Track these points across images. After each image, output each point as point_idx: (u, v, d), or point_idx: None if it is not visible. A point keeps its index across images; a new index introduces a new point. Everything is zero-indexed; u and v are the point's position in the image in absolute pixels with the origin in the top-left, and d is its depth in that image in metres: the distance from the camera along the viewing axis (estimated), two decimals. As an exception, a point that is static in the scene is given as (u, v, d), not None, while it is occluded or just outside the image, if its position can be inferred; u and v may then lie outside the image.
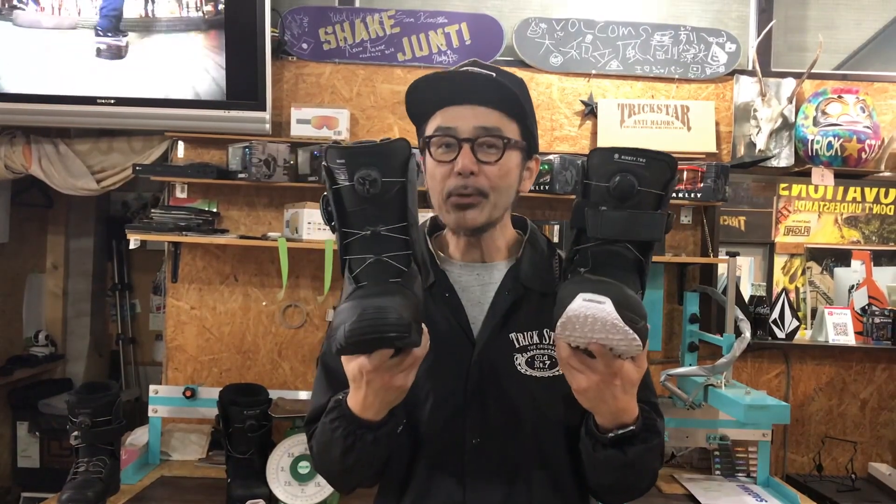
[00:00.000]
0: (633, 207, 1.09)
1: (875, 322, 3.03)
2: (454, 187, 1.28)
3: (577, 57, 3.13)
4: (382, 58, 3.12)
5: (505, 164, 1.29)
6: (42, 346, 4.60)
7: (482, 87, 1.28)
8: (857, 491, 2.85)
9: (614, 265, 1.10)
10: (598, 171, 1.11)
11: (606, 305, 1.01)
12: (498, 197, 1.30)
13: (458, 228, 1.33)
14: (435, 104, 1.32)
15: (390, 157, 1.09)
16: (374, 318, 1.00)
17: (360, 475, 1.27)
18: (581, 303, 1.02)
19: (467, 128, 1.28)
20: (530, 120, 1.35)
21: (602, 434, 1.18)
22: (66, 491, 2.30)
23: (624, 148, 1.11)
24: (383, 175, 1.07)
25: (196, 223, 2.91)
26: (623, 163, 1.09)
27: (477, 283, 1.36)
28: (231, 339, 3.12)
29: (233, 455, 2.52)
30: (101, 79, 2.87)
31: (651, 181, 1.09)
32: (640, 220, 1.09)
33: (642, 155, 1.10)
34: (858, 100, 3.01)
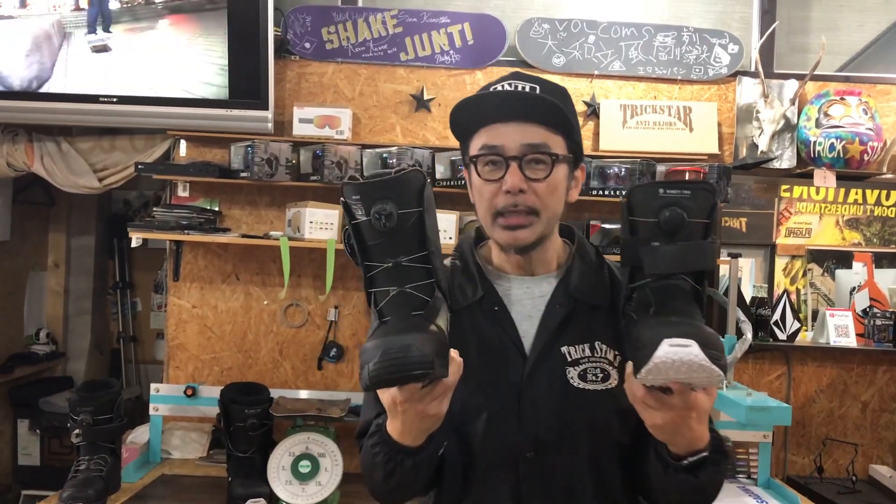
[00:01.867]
0: (684, 239, 1.09)
1: (876, 324, 3.02)
2: (504, 206, 1.28)
3: (580, 57, 3.13)
4: (385, 57, 3.12)
5: (554, 179, 1.29)
6: (43, 343, 4.61)
7: (527, 104, 1.28)
8: (857, 493, 2.85)
9: (677, 299, 1.10)
10: (643, 207, 1.11)
11: (693, 348, 1.01)
12: (549, 214, 1.30)
13: (508, 248, 1.33)
14: (479, 121, 1.31)
15: (404, 188, 1.10)
16: (396, 357, 1.01)
17: (404, 495, 1.29)
18: (668, 349, 1.02)
19: (514, 146, 1.27)
20: (576, 131, 1.35)
21: (675, 461, 1.18)
22: (66, 489, 2.30)
23: (667, 182, 1.13)
24: (399, 207, 1.08)
25: (198, 222, 2.91)
26: (669, 196, 1.09)
27: (527, 296, 1.36)
28: (232, 338, 3.12)
29: (234, 454, 2.52)
30: (103, 76, 2.87)
31: (697, 211, 1.10)
32: (694, 251, 1.09)
33: (686, 187, 1.10)
34: (861, 102, 3.01)
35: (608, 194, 2.90)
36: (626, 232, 1.14)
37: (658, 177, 2.94)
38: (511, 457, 1.27)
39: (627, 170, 2.89)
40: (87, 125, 3.11)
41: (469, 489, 1.30)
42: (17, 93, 2.90)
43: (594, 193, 2.91)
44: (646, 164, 2.90)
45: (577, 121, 1.37)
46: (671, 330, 1.03)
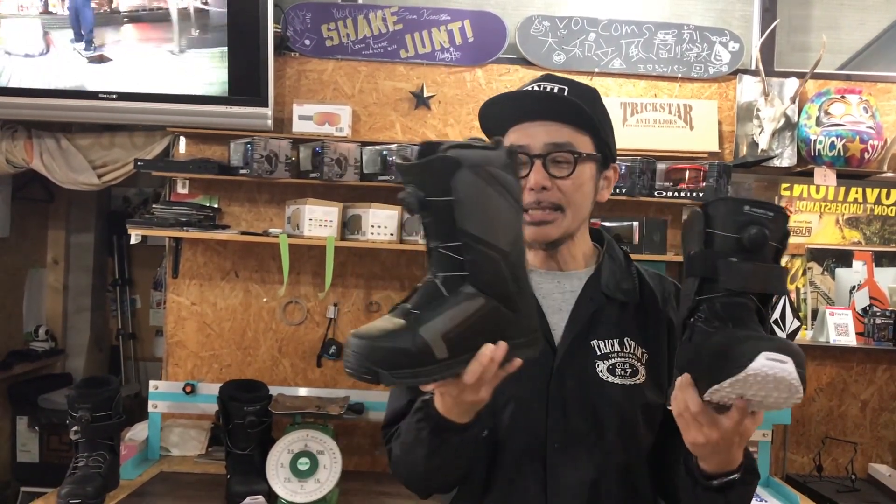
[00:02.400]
0: (761, 260, 1.09)
1: (876, 323, 3.02)
2: (528, 203, 1.30)
3: (580, 55, 3.13)
4: (385, 54, 3.11)
5: (578, 177, 1.32)
6: (42, 340, 4.61)
7: (552, 104, 1.32)
8: (856, 492, 2.85)
9: (745, 317, 1.09)
10: (724, 221, 1.10)
11: (789, 365, 0.99)
12: (574, 210, 1.33)
13: (534, 243, 1.35)
14: (508, 122, 1.35)
15: (430, 174, 1.06)
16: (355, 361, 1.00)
17: (443, 478, 1.30)
18: (765, 362, 0.99)
19: (538, 144, 1.31)
20: (604, 131, 1.38)
21: (705, 479, 1.17)
22: (65, 486, 2.30)
23: (752, 200, 1.10)
24: (426, 193, 1.05)
25: (197, 219, 2.91)
26: (754, 215, 1.09)
27: (557, 290, 1.38)
28: (231, 335, 3.12)
29: (233, 451, 2.52)
30: (102, 73, 2.87)
31: (776, 235, 1.10)
32: (770, 273, 1.09)
33: (768, 208, 1.09)
34: (861, 100, 3.01)
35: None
36: (698, 243, 1.13)
37: (658, 175, 2.93)
38: (538, 447, 1.28)
39: (628, 168, 2.88)
40: (87, 122, 3.10)
41: (496, 478, 1.31)
42: (16, 89, 2.89)
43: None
44: (646, 163, 2.90)
45: (608, 120, 1.40)
46: (768, 344, 1.01)
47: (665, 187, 2.94)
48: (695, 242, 1.14)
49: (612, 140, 1.41)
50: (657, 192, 2.94)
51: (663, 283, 1.44)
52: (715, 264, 1.09)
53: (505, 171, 1.06)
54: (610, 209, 3.06)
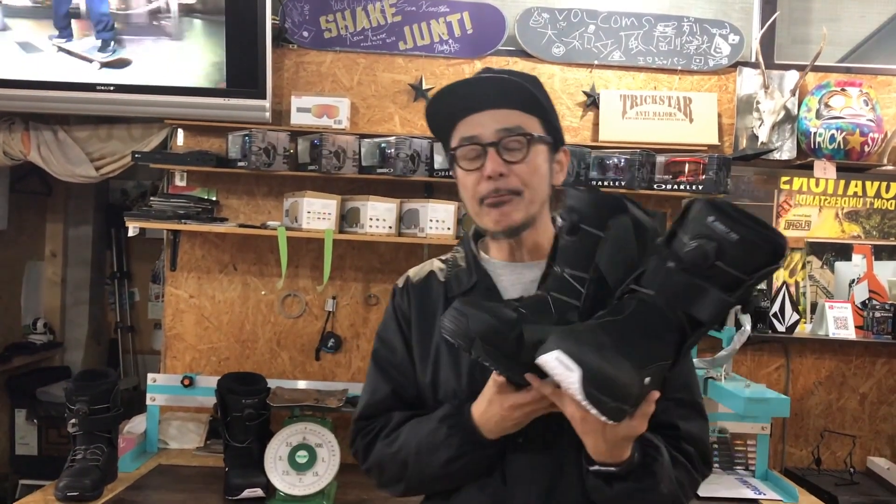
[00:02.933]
0: (703, 279, 1.00)
1: (875, 316, 3.02)
2: (486, 192, 1.30)
3: (580, 47, 3.12)
4: (384, 46, 3.10)
5: (533, 160, 1.32)
6: (40, 333, 4.61)
7: (497, 90, 1.31)
8: (855, 485, 2.85)
9: (654, 325, 1.03)
10: (689, 224, 1.03)
11: (574, 375, 0.96)
12: (532, 194, 1.32)
13: (497, 230, 1.34)
14: (454, 116, 1.34)
15: (595, 207, 1.12)
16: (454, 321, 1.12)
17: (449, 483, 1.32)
18: (551, 360, 0.98)
19: (489, 132, 1.30)
20: (551, 114, 1.37)
21: (588, 463, 1.20)
22: (63, 478, 2.30)
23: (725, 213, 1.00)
24: (583, 221, 1.11)
25: (195, 211, 2.90)
26: (713, 229, 0.99)
27: (518, 281, 1.37)
28: (230, 328, 3.11)
29: (231, 444, 2.52)
30: (100, 66, 2.86)
31: (736, 261, 0.98)
32: (699, 295, 1.00)
33: (742, 227, 0.98)
34: (862, 93, 3.00)
35: (607, 185, 2.89)
36: (666, 235, 1.08)
37: (657, 167, 2.93)
38: (502, 440, 1.27)
39: (627, 160, 2.87)
40: (84, 114, 3.09)
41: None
42: (13, 81, 2.88)
43: (593, 184, 2.90)
44: (645, 155, 2.89)
45: (552, 104, 1.39)
46: (581, 347, 0.97)
47: (664, 180, 2.93)
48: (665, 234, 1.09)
49: (558, 123, 1.40)
50: (656, 185, 2.93)
51: None
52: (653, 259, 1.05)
53: (653, 236, 1.11)
54: (609, 202, 3.05)
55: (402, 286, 1.47)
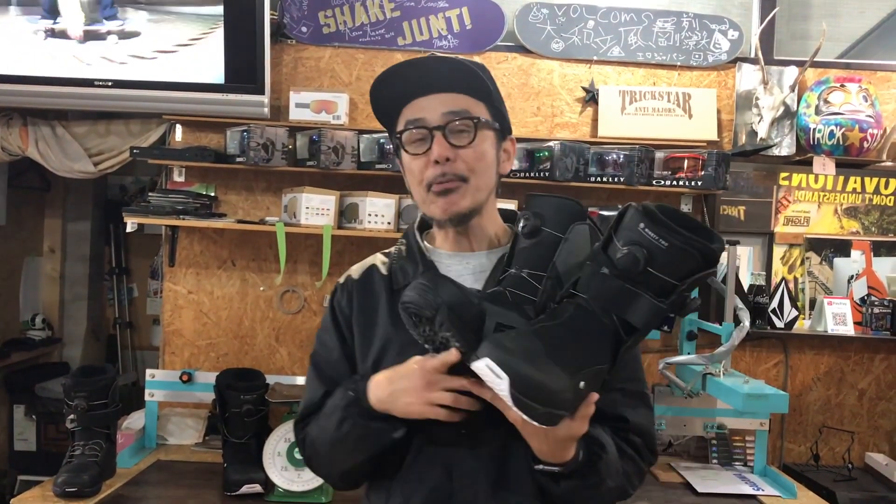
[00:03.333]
0: (635, 285, 1.01)
1: (874, 312, 3.01)
2: (433, 177, 1.28)
3: (579, 43, 3.11)
4: (382, 42, 3.09)
5: (479, 145, 1.30)
6: (39, 329, 4.60)
7: (443, 74, 1.29)
8: (853, 481, 2.85)
9: (589, 330, 1.04)
10: (623, 230, 1.04)
11: (503, 383, 0.98)
12: (478, 180, 1.30)
13: (444, 218, 1.32)
14: (400, 101, 1.33)
15: (556, 210, 1.17)
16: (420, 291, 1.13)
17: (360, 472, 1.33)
18: (482, 368, 0.99)
19: (435, 116, 1.29)
20: (497, 101, 1.36)
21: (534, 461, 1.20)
22: (61, 474, 2.29)
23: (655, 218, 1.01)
24: (544, 224, 1.16)
25: (194, 207, 2.90)
26: (644, 236, 1.01)
27: (467, 271, 1.36)
28: (228, 324, 3.11)
29: (229, 440, 2.52)
30: (98, 60, 2.85)
31: (667, 267, 1.00)
32: (632, 300, 1.02)
33: (671, 235, 0.99)
34: (861, 88, 2.99)
35: (606, 181, 2.89)
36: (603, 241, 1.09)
37: (656, 163, 2.92)
38: (445, 433, 1.26)
39: (626, 156, 2.87)
40: (83, 109, 3.08)
41: (403, 463, 1.30)
42: (11, 76, 2.87)
43: (592, 180, 2.90)
44: (644, 151, 2.89)
45: (499, 92, 1.37)
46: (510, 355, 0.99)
47: (663, 176, 2.92)
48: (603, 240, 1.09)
49: (505, 111, 1.39)
50: (655, 181, 2.93)
51: None
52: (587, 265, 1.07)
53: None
54: (608, 198, 3.05)
55: (342, 283, 1.46)
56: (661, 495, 2.57)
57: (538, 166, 2.88)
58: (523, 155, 2.92)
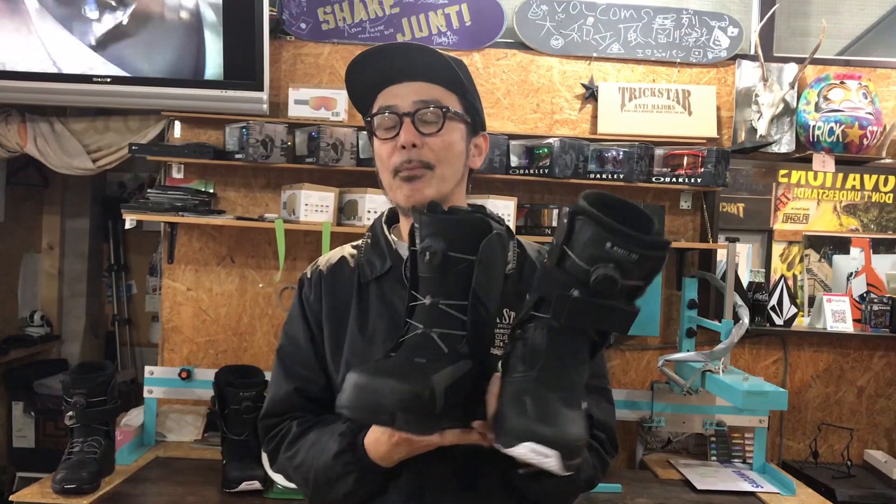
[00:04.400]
0: (609, 299, 0.99)
1: (873, 309, 3.02)
2: (399, 162, 1.29)
3: (578, 40, 3.11)
4: (382, 38, 3.09)
5: (447, 134, 1.30)
6: (37, 326, 4.60)
7: (419, 63, 1.30)
8: (852, 478, 2.85)
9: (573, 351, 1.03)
10: (582, 245, 0.99)
11: (551, 461, 0.94)
12: (444, 169, 1.31)
13: (407, 205, 1.32)
14: (375, 87, 1.33)
15: (460, 231, 1.08)
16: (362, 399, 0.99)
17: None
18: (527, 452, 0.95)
19: (406, 103, 1.30)
20: (472, 94, 1.36)
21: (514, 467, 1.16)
22: (60, 471, 2.29)
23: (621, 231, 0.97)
24: (450, 248, 1.06)
25: (192, 204, 2.89)
26: (614, 255, 0.96)
27: None
28: (227, 321, 3.11)
29: (228, 436, 2.52)
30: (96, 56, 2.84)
31: (637, 274, 0.99)
32: (612, 313, 1.00)
33: (638, 248, 0.97)
34: (861, 86, 2.99)
35: (606, 178, 2.88)
36: (552, 255, 1.03)
37: (656, 160, 2.92)
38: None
39: (625, 153, 2.87)
40: (81, 106, 3.07)
41: None
42: (9, 72, 2.86)
43: (592, 177, 2.90)
44: (644, 148, 2.88)
45: (474, 87, 1.38)
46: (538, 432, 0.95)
47: (663, 173, 2.92)
48: (550, 252, 1.04)
49: (480, 106, 1.39)
50: (655, 178, 2.92)
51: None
52: (553, 287, 1.01)
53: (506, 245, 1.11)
54: (607, 195, 3.05)
55: (309, 276, 1.43)
56: (661, 492, 2.58)
57: (537, 163, 2.87)
58: (523, 152, 2.92)
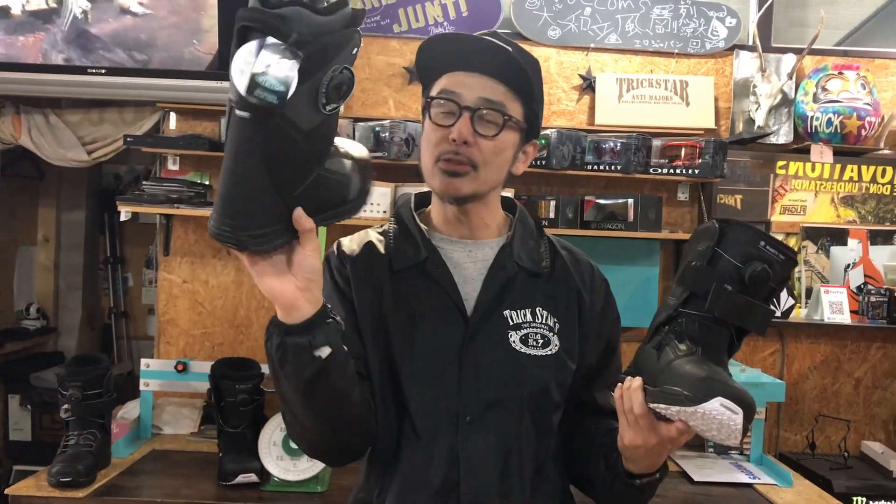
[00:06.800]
0: (753, 295, 1.10)
1: (871, 301, 3.01)
2: (444, 152, 1.26)
3: (576, 30, 3.09)
4: (378, 29, 3.07)
5: (501, 141, 1.28)
6: (33, 319, 4.58)
7: (494, 58, 1.26)
8: (849, 469, 2.85)
9: (717, 346, 1.12)
10: (736, 247, 1.12)
11: (738, 417, 1.02)
12: (487, 172, 1.28)
13: (443, 194, 1.31)
14: (443, 66, 1.30)
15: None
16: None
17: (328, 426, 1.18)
18: (718, 407, 1.03)
19: (471, 96, 1.26)
20: (537, 104, 1.33)
21: (627, 477, 1.22)
22: (56, 464, 2.28)
23: (770, 237, 1.12)
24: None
25: (188, 195, 2.88)
26: (766, 253, 1.10)
27: (469, 259, 1.34)
28: (223, 313, 3.10)
29: (225, 429, 2.51)
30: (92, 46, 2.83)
31: (777, 278, 1.11)
32: (758, 311, 1.11)
33: (781, 251, 1.11)
34: (859, 76, 2.98)
35: (603, 169, 2.87)
36: (702, 257, 1.14)
37: (653, 151, 2.91)
38: (449, 421, 1.25)
39: (623, 144, 2.86)
40: (76, 97, 3.06)
41: (405, 452, 1.28)
42: (3, 64, 2.84)
43: (589, 168, 2.89)
44: (641, 139, 2.87)
45: (542, 95, 1.35)
46: (727, 388, 1.04)
47: (660, 164, 2.91)
48: (698, 256, 1.15)
49: (540, 114, 1.36)
50: (652, 169, 2.91)
51: (574, 256, 1.42)
52: (709, 286, 1.11)
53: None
54: (605, 186, 3.04)
55: (337, 254, 1.37)
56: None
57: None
58: (520, 143, 2.90)
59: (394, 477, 1.28)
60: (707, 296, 1.11)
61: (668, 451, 1.16)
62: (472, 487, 1.24)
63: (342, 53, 1.00)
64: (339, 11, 0.97)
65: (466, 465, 1.25)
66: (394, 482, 1.28)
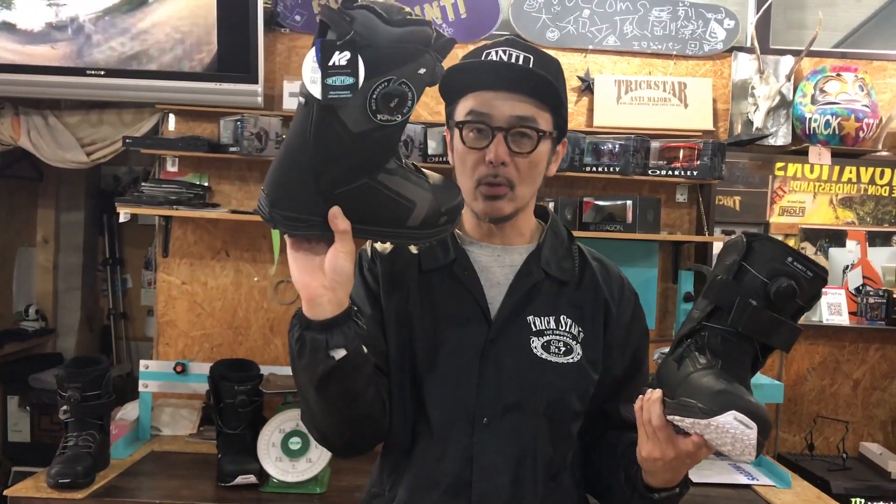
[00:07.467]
0: (778, 312, 1.09)
1: (869, 302, 3.02)
2: (483, 175, 1.27)
3: (574, 32, 3.10)
4: (377, 31, 3.06)
5: (536, 155, 1.28)
6: (32, 320, 4.58)
7: (520, 76, 1.26)
8: (847, 470, 2.86)
9: (739, 360, 1.11)
10: (762, 262, 1.11)
11: (752, 432, 1.01)
12: (524, 188, 1.30)
13: (485, 217, 1.32)
14: (469, 85, 1.30)
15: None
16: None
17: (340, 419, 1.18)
18: (732, 420, 1.02)
19: (502, 116, 1.26)
20: (564, 108, 1.34)
21: (647, 491, 1.22)
22: (54, 465, 2.28)
23: (798, 253, 1.11)
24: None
25: (187, 197, 2.88)
26: (793, 269, 1.10)
27: (497, 264, 1.35)
28: (222, 315, 3.10)
29: (224, 431, 2.51)
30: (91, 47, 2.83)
31: (805, 295, 1.10)
32: (783, 328, 1.10)
33: (810, 267, 1.10)
34: (857, 78, 2.99)
35: (602, 171, 2.88)
36: (728, 271, 1.14)
37: (652, 153, 2.91)
38: (466, 421, 1.26)
39: (621, 146, 2.86)
40: (75, 98, 3.06)
41: (419, 450, 1.29)
42: (2, 65, 2.84)
43: (587, 170, 2.89)
44: (640, 141, 2.88)
45: (566, 96, 1.35)
46: (742, 402, 1.03)
47: (659, 166, 2.92)
48: (725, 269, 1.15)
49: (566, 114, 1.37)
50: (651, 171, 2.92)
51: (605, 266, 1.42)
52: (734, 300, 1.10)
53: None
54: (603, 188, 3.05)
55: (369, 253, 1.38)
56: (656, 485, 2.57)
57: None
58: (518, 145, 2.90)
59: (406, 473, 1.29)
60: (731, 310, 1.10)
61: (687, 466, 1.15)
62: (484, 488, 1.25)
63: (404, 68, 0.99)
64: (409, 27, 0.99)
65: (479, 466, 1.25)
66: (406, 478, 1.29)
